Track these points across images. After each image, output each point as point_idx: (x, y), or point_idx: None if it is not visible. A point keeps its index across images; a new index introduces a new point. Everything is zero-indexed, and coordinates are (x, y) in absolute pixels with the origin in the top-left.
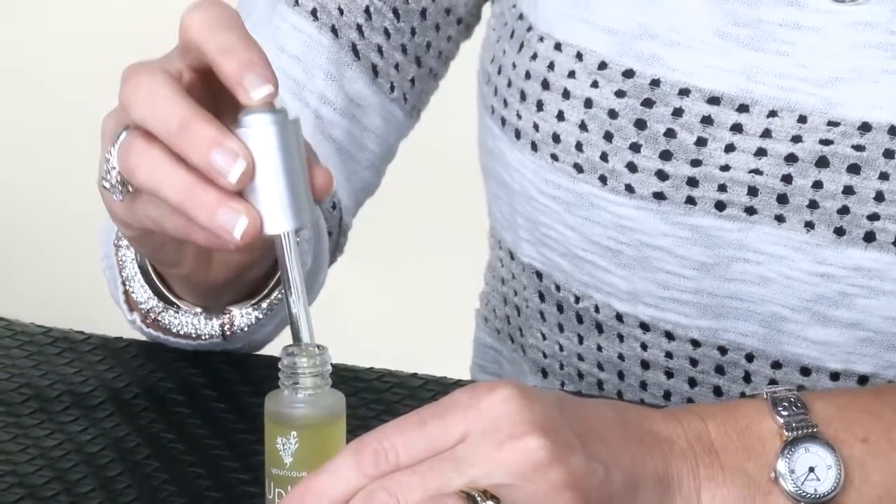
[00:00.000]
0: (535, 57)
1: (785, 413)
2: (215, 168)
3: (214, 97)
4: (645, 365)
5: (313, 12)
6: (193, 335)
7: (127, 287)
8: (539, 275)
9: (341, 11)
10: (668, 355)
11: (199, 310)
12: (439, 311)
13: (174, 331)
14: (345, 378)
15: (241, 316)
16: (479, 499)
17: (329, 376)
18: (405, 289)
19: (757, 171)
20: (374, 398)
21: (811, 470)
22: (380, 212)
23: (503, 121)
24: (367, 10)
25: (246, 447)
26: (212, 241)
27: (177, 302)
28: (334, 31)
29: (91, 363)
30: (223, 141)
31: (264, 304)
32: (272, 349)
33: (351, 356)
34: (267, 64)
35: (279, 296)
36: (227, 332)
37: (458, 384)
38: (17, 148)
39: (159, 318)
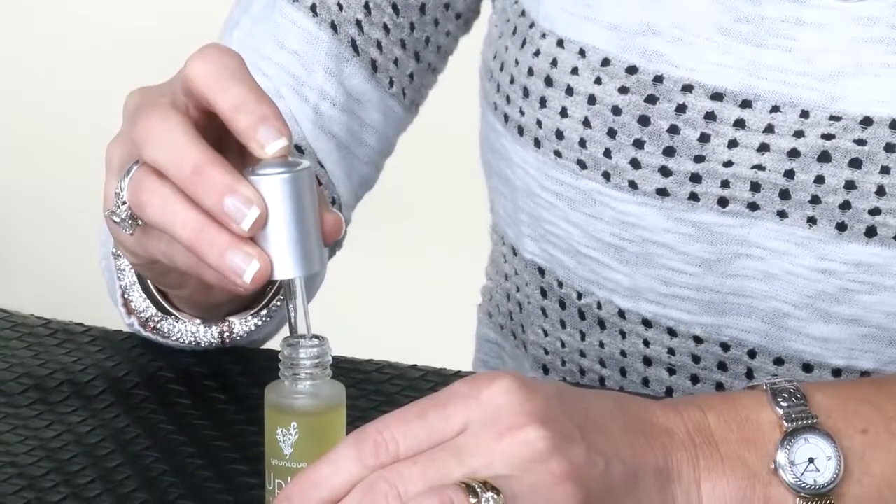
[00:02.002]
0: (537, 54)
1: (784, 404)
2: (228, 214)
3: (218, 132)
4: (647, 361)
5: (313, 8)
6: (193, 342)
7: (125, 294)
8: (541, 271)
9: (340, 7)
10: (671, 352)
11: (198, 320)
12: (439, 306)
13: (173, 338)
14: (344, 369)
15: (240, 324)
16: (479, 490)
17: (329, 367)
18: (406, 283)
19: (759, 167)
20: (374, 389)
21: (811, 461)
22: (382, 205)
23: (506, 117)
24: (366, 6)
25: (246, 438)
26: (221, 282)
27: (175, 313)
28: (333, 26)
29: (90, 353)
30: (237, 188)
31: (263, 312)
32: (272, 341)
33: (351, 348)
34: (279, 116)
35: (278, 302)
36: (227, 339)
37: (458, 375)
38: (18, 142)
39: (158, 327)
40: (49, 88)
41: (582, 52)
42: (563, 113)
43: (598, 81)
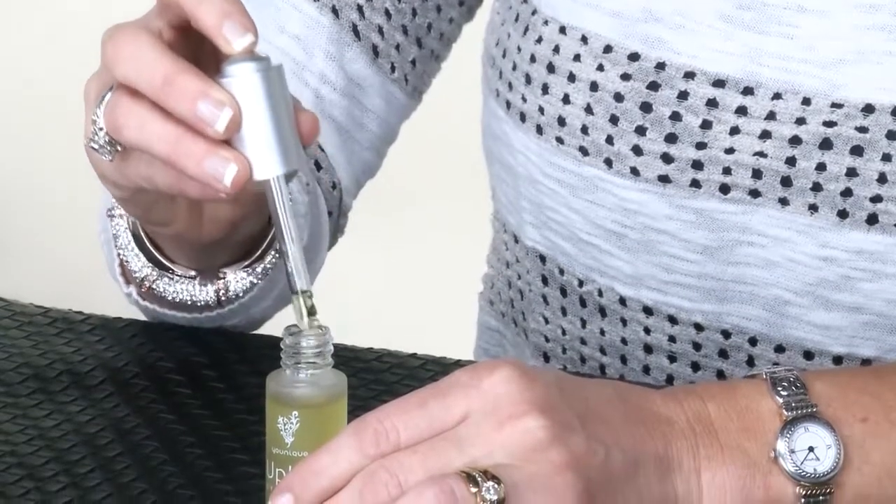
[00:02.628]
0: (540, 40)
1: (784, 393)
2: (202, 119)
3: (194, 53)
4: (648, 349)
5: None
6: (189, 302)
7: (122, 257)
8: (542, 258)
9: None
10: (672, 339)
11: (193, 273)
12: (441, 294)
13: (169, 299)
14: (344, 358)
15: (236, 281)
16: (479, 479)
17: (331, 356)
18: (407, 271)
19: (761, 154)
20: (374, 378)
21: (811, 450)
22: (383, 193)
23: (508, 104)
24: None
25: (246, 427)
26: (204, 193)
27: (171, 267)
28: (335, 11)
29: (90, 343)
30: (208, 91)
31: (259, 269)
32: (272, 329)
33: (352, 337)
34: (245, 12)
35: (273, 260)
36: (223, 298)
37: (458, 364)
38: (16, 129)
39: (154, 287)
40: (48, 77)
41: (584, 39)
42: (566, 100)
43: (600, 68)
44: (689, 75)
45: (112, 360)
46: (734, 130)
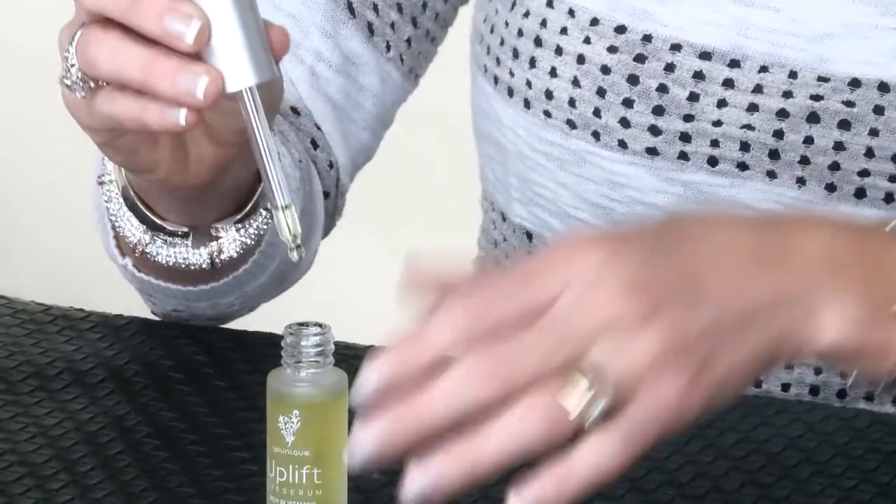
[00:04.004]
0: (527, 14)
1: None
2: (171, 33)
3: None
4: None
5: None
6: (183, 265)
7: (115, 225)
8: (529, 235)
9: None
10: None
11: (185, 229)
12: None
13: (163, 262)
14: (345, 356)
15: (230, 242)
16: (581, 379)
17: (332, 355)
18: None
19: (749, 127)
20: None
21: None
22: (376, 182)
23: (496, 79)
24: None
25: (247, 426)
26: (163, 123)
27: (163, 225)
28: None
29: (91, 341)
30: (175, 5)
31: (251, 229)
32: (273, 326)
33: (350, 333)
34: None
35: (266, 220)
36: (217, 261)
37: None
38: (16, 125)
39: (147, 251)
40: (50, 74)
41: (571, 12)
42: (553, 73)
43: (587, 41)
44: (676, 47)
45: (113, 358)
46: (721, 103)
